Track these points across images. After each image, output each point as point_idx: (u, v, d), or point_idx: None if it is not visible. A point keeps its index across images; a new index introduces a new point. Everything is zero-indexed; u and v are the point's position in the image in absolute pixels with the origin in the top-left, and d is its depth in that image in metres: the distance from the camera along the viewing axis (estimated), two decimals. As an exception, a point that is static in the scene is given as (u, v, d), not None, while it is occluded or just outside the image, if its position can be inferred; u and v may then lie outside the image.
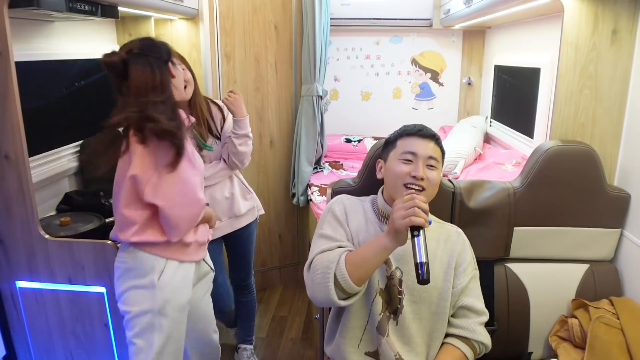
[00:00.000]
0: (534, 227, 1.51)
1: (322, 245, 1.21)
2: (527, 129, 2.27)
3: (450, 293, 1.24)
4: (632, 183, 1.51)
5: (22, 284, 1.56)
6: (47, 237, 1.50)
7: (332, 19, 2.87)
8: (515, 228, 1.51)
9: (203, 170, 1.47)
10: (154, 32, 2.33)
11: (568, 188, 1.48)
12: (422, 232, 1.08)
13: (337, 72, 3.27)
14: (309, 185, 2.72)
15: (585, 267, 1.53)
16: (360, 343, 1.26)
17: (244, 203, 2.02)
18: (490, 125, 2.88)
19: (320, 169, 2.90)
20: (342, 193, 1.45)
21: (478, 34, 3.16)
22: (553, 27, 2.09)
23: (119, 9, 1.85)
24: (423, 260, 1.05)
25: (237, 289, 2.21)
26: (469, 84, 3.24)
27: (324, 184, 2.65)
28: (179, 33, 2.42)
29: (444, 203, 1.48)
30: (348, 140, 3.18)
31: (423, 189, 1.20)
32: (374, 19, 3.10)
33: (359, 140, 3.18)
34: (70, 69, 1.95)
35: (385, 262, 1.23)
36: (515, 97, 2.49)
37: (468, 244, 1.32)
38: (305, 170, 2.76)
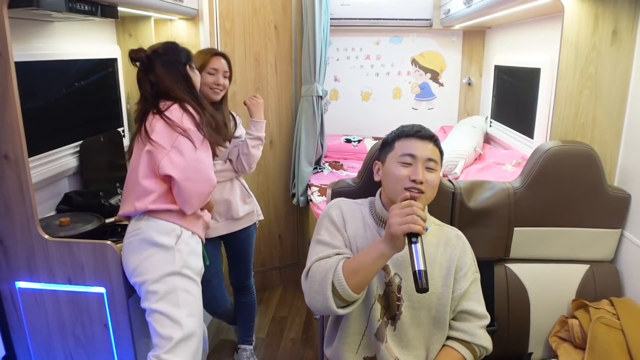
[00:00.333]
0: (534, 227, 1.51)
1: (319, 253, 1.19)
2: (527, 129, 2.27)
3: (450, 298, 1.23)
4: (632, 183, 1.51)
5: (21, 285, 1.55)
6: (46, 237, 1.49)
7: (332, 19, 2.87)
8: (516, 228, 1.51)
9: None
10: (154, 32, 2.33)
11: (568, 188, 1.48)
12: (419, 239, 1.06)
13: (337, 72, 3.27)
14: (309, 186, 2.72)
15: (586, 267, 1.53)
16: (359, 348, 1.25)
17: (243, 207, 2.02)
18: (490, 126, 2.87)
19: (320, 169, 2.90)
20: (342, 193, 1.45)
21: (478, 34, 3.16)
22: (553, 27, 2.09)
23: (119, 9, 1.84)
24: (421, 269, 1.04)
25: (236, 290, 2.21)
26: (469, 84, 3.23)
27: (324, 184, 2.64)
28: (179, 33, 2.42)
29: (444, 203, 1.48)
30: (348, 141, 3.18)
31: (422, 192, 1.18)
32: (374, 19, 3.10)
33: (359, 141, 3.17)
34: (70, 69, 1.95)
35: (384, 268, 1.21)
36: (515, 97, 2.49)
37: (468, 247, 1.30)
38: (305, 171, 2.76)
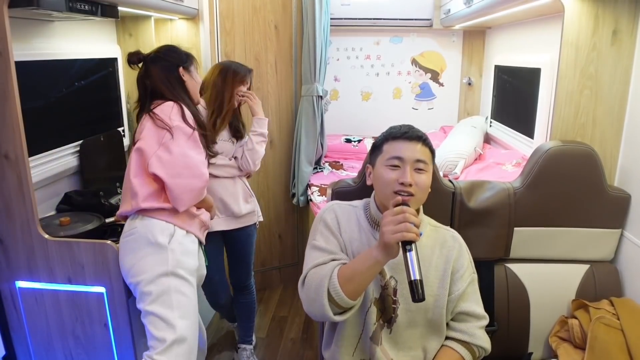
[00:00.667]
0: (534, 227, 1.51)
1: (315, 259, 1.18)
2: (527, 129, 2.27)
3: (447, 300, 1.22)
4: (632, 183, 1.51)
5: (21, 284, 1.55)
6: (46, 237, 1.49)
7: (332, 19, 2.86)
8: (516, 228, 1.51)
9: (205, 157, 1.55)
10: (154, 32, 2.33)
11: (568, 188, 1.48)
12: (414, 245, 1.04)
13: (337, 72, 3.27)
14: (309, 185, 2.72)
15: (586, 267, 1.53)
16: (355, 351, 1.25)
17: (245, 205, 2.04)
18: (491, 126, 2.87)
19: (320, 169, 2.90)
20: (342, 193, 1.45)
21: (478, 34, 3.16)
22: (553, 27, 2.09)
23: (119, 9, 1.85)
24: (417, 278, 1.01)
25: (236, 290, 2.21)
26: (469, 84, 3.23)
27: (324, 184, 2.64)
28: (179, 33, 2.42)
29: (444, 203, 1.48)
30: (348, 141, 3.18)
31: (412, 195, 1.15)
32: (374, 19, 3.10)
33: (359, 141, 3.17)
34: (70, 69, 1.95)
35: (380, 272, 1.20)
36: (516, 97, 2.49)
37: (465, 248, 1.29)
38: (305, 170, 2.76)
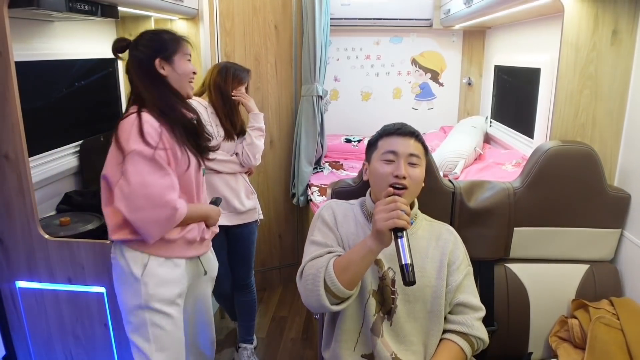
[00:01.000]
0: (534, 227, 1.51)
1: (312, 253, 1.23)
2: (527, 129, 2.27)
3: (444, 291, 1.24)
4: (632, 183, 1.51)
5: (22, 284, 1.56)
6: (47, 237, 1.49)
7: (332, 19, 2.86)
8: (515, 228, 1.51)
9: (188, 171, 1.41)
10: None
11: (568, 188, 1.48)
12: (405, 233, 1.08)
13: (337, 72, 3.27)
14: (309, 185, 2.72)
15: (585, 267, 1.53)
16: (356, 346, 1.26)
17: (247, 202, 2.06)
18: (490, 126, 2.87)
19: (320, 169, 2.90)
20: (342, 193, 1.45)
21: (478, 34, 3.16)
22: (553, 27, 2.09)
23: (119, 9, 1.85)
24: (408, 262, 1.05)
25: (237, 289, 2.21)
26: (469, 84, 3.23)
27: (324, 184, 2.64)
28: (179, 33, 2.41)
29: (444, 203, 1.48)
30: (348, 141, 3.18)
31: (406, 188, 1.20)
32: (374, 19, 3.10)
33: (359, 140, 3.17)
34: (70, 69, 1.95)
35: (378, 263, 1.23)
36: (516, 97, 2.49)
37: (460, 241, 1.32)
38: (305, 170, 2.76)
